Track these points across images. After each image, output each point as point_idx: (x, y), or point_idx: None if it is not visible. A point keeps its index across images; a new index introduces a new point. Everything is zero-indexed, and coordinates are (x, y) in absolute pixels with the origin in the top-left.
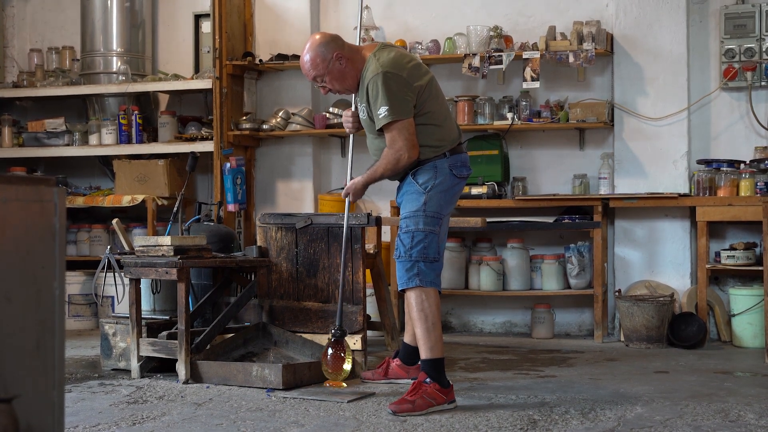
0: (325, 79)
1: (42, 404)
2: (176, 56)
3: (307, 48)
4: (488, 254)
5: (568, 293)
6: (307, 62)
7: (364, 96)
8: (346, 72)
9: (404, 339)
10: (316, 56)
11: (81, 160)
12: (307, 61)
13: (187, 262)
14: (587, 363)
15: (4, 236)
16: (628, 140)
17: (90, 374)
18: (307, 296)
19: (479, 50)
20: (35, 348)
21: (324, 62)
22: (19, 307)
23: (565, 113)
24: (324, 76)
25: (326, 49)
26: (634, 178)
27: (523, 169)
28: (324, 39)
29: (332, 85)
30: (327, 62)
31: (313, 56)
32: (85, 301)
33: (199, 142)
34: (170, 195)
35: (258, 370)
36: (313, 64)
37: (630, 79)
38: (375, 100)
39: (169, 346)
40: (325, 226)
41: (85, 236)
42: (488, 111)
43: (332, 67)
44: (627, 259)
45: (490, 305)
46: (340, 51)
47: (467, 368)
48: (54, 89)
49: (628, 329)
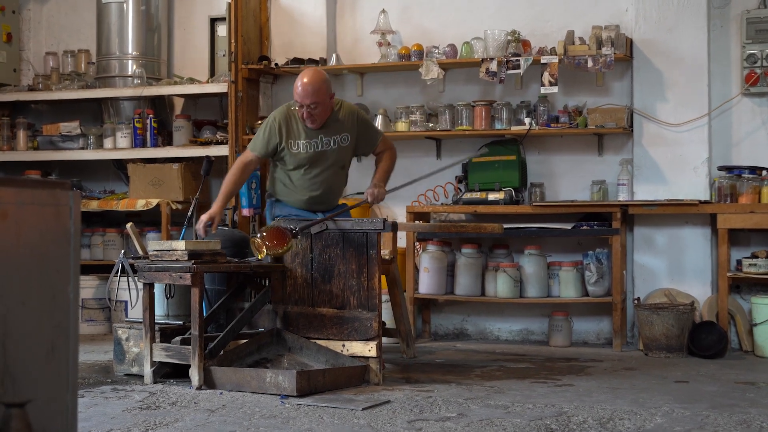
0: (318, 108)
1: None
2: (191, 60)
3: (314, 76)
4: (505, 261)
5: (586, 301)
6: (316, 87)
7: (349, 127)
8: (328, 109)
9: None
10: (322, 86)
11: (95, 164)
12: (315, 86)
13: (201, 267)
14: (605, 372)
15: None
16: (648, 146)
17: (103, 379)
18: (322, 302)
19: (497, 55)
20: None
21: (326, 95)
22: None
23: (583, 118)
24: (319, 105)
25: (328, 87)
26: (654, 184)
27: (540, 174)
28: (326, 77)
29: (318, 115)
30: (327, 96)
31: (321, 86)
32: (99, 306)
33: (214, 146)
34: (185, 199)
35: (272, 377)
36: (320, 91)
37: (649, 85)
38: (368, 125)
39: (183, 351)
40: (340, 232)
41: (99, 240)
42: (506, 116)
43: (327, 101)
44: (646, 267)
45: (506, 312)
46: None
47: (483, 376)
48: (69, 92)
49: (648, 338)
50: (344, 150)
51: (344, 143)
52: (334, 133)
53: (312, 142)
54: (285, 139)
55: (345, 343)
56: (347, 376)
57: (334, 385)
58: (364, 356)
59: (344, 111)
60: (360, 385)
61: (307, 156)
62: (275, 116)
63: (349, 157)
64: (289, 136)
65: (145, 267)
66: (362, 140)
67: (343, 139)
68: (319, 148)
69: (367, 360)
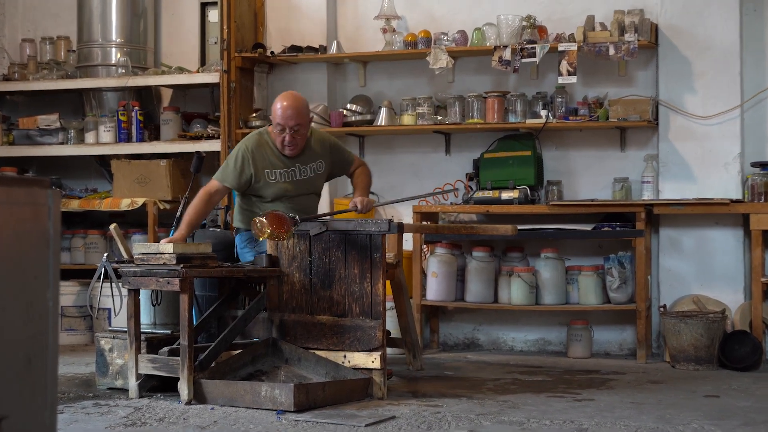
0: (300, 132)
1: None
2: (180, 48)
3: (295, 98)
4: (520, 265)
5: (607, 308)
6: (299, 109)
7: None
8: (306, 137)
9: None
10: (305, 108)
11: (76, 160)
12: (298, 108)
13: (191, 271)
14: (629, 386)
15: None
16: (675, 141)
17: (84, 393)
18: (322, 310)
19: (510, 42)
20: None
21: (308, 117)
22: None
23: (604, 111)
24: (302, 128)
25: (309, 109)
26: (681, 182)
27: (558, 171)
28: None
29: (299, 138)
30: (308, 119)
31: (303, 107)
32: (80, 314)
33: (204, 140)
34: (173, 198)
35: (267, 391)
36: (303, 113)
37: (676, 74)
38: (340, 148)
39: (171, 363)
40: (341, 234)
41: (80, 243)
42: (520, 108)
43: (308, 124)
44: (673, 272)
45: (521, 321)
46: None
47: (496, 390)
48: (48, 83)
49: (675, 349)
50: (320, 177)
51: (319, 170)
52: (309, 160)
53: (290, 171)
54: (260, 169)
55: (346, 354)
56: (349, 390)
57: (335, 400)
58: (367, 368)
59: (315, 138)
60: (363, 400)
61: (285, 186)
62: (247, 145)
63: (322, 183)
64: (264, 165)
65: (130, 272)
66: (336, 164)
67: (318, 167)
68: (297, 176)
69: (370, 372)
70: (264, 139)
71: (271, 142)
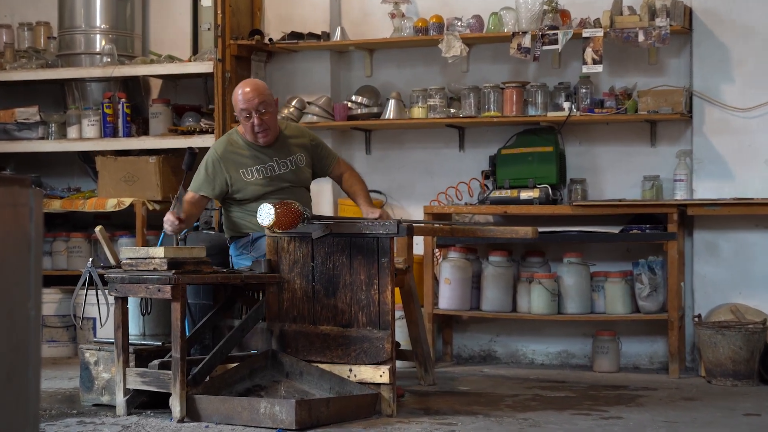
0: (267, 113)
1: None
2: (171, 35)
3: (253, 80)
4: (541, 271)
5: (636, 318)
6: (259, 89)
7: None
8: (276, 118)
9: None
10: (265, 88)
11: (58, 157)
12: (258, 88)
13: (184, 278)
14: (660, 403)
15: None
16: (710, 135)
17: (67, 410)
18: (325, 319)
19: (530, 27)
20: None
21: (271, 97)
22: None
23: (633, 102)
24: (267, 108)
25: (270, 91)
26: (718, 180)
27: (582, 169)
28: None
29: (268, 119)
30: (272, 99)
31: (263, 87)
32: (62, 324)
33: (197, 135)
34: (163, 198)
35: (267, 407)
36: (266, 92)
37: (713, 62)
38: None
39: (162, 377)
40: (347, 237)
41: (62, 246)
42: (541, 100)
43: (274, 106)
44: (708, 278)
45: (542, 332)
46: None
47: (516, 407)
48: (26, 72)
49: (711, 362)
50: (302, 171)
51: (301, 163)
52: (288, 154)
53: (267, 166)
54: (234, 170)
55: (352, 368)
56: (355, 406)
57: (340, 417)
58: (374, 383)
59: (291, 130)
60: (370, 417)
61: (264, 182)
62: (216, 149)
63: (309, 178)
64: (238, 165)
65: (117, 278)
66: (317, 160)
67: (299, 159)
68: (275, 171)
69: (378, 387)
70: (233, 139)
71: (242, 140)
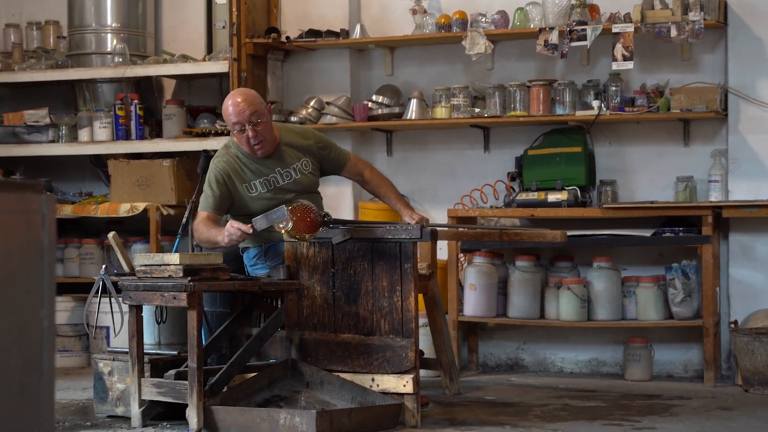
0: (261, 124)
1: None
2: (184, 33)
3: (242, 90)
4: (569, 276)
5: (669, 325)
6: (249, 98)
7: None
8: (271, 129)
9: None
10: (256, 97)
11: (69, 160)
12: (249, 98)
13: (200, 285)
14: (695, 413)
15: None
16: (746, 134)
17: (81, 422)
18: (346, 327)
19: (558, 23)
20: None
21: (264, 106)
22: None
23: (665, 100)
24: (261, 118)
25: (262, 99)
26: (754, 180)
27: (612, 170)
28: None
29: (263, 130)
30: (265, 108)
31: (254, 96)
32: (75, 333)
33: (212, 137)
34: (178, 203)
35: (287, 418)
36: (257, 101)
37: (749, 58)
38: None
39: (178, 387)
40: (368, 242)
41: (74, 253)
42: (569, 98)
43: (268, 116)
44: (745, 283)
45: (571, 339)
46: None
47: (544, 417)
48: (35, 73)
49: (748, 370)
50: (308, 177)
51: (307, 169)
52: (290, 162)
53: (270, 179)
54: (238, 184)
55: (375, 377)
56: (377, 417)
57: (362, 428)
58: (398, 393)
59: (292, 135)
60: (393, 428)
61: (268, 195)
62: (217, 165)
63: (316, 182)
64: (241, 180)
65: (132, 285)
66: (326, 161)
67: (303, 166)
68: (279, 183)
69: (401, 397)
70: (232, 152)
71: (240, 153)
